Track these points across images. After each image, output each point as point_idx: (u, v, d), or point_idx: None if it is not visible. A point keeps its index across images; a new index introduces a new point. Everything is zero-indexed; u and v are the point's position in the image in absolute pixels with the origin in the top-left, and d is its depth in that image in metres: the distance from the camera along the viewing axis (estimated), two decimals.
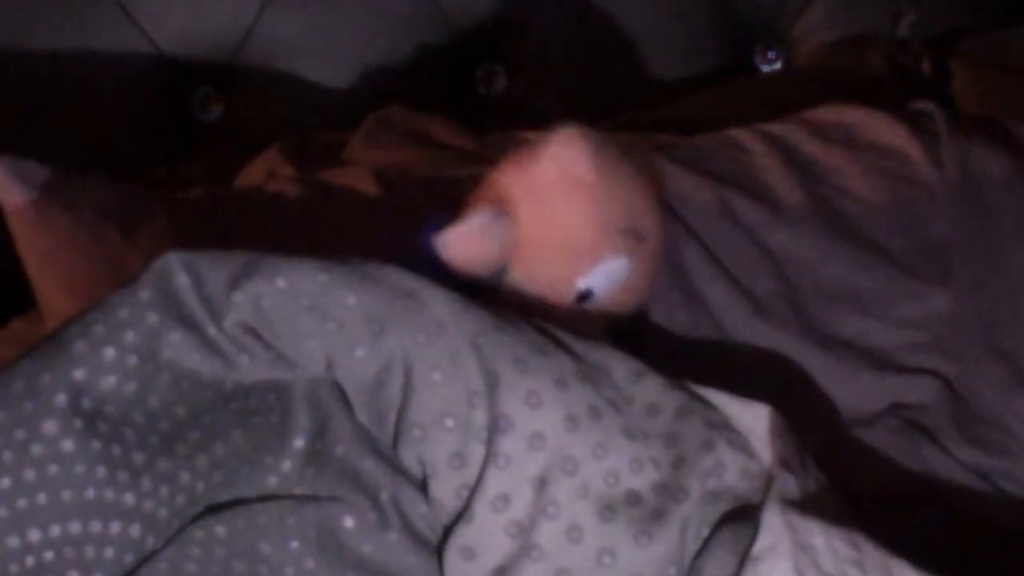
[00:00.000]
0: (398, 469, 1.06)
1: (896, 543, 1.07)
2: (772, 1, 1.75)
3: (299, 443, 1.05)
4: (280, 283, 1.04)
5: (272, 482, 1.04)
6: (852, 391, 1.35)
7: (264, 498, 1.04)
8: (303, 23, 1.59)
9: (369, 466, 1.05)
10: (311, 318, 1.04)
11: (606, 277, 1.22)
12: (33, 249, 1.35)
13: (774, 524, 1.06)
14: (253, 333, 1.04)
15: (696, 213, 1.41)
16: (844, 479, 1.19)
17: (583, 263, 1.21)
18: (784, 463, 1.11)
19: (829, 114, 1.52)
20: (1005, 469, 1.31)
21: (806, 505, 1.08)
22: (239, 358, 1.04)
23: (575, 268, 1.21)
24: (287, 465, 1.04)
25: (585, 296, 1.22)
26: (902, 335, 1.38)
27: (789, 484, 1.09)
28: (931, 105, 1.51)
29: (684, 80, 1.69)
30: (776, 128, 1.51)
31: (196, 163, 1.57)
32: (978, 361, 1.36)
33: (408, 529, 1.04)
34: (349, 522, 1.03)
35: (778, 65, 1.75)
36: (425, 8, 1.62)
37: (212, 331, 1.03)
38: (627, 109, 1.63)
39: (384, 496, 1.04)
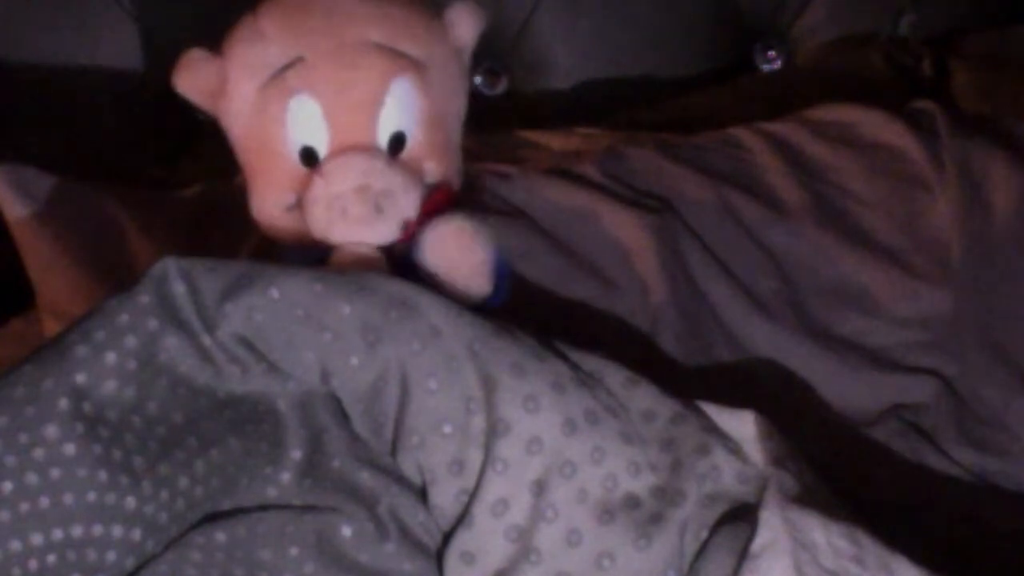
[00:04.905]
0: (396, 478, 1.06)
1: (896, 544, 1.07)
2: (772, 1, 1.75)
3: (296, 454, 1.05)
4: (274, 293, 1.04)
5: (272, 493, 1.04)
6: (852, 390, 1.35)
7: (264, 507, 1.04)
8: None
9: (366, 478, 1.05)
10: (305, 328, 1.04)
11: (401, 104, 1.20)
12: (35, 257, 1.35)
13: (772, 522, 1.07)
14: (247, 345, 1.04)
15: (696, 211, 1.41)
16: (844, 480, 1.20)
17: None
18: (777, 462, 1.11)
19: (829, 113, 1.52)
20: (1005, 469, 1.31)
21: (804, 501, 1.08)
22: (230, 368, 1.04)
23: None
24: (286, 476, 1.05)
25: (399, 141, 1.21)
26: (902, 334, 1.38)
27: (786, 481, 1.10)
28: (931, 105, 1.51)
29: (684, 80, 1.69)
30: (776, 127, 1.51)
31: (196, 162, 1.57)
32: (978, 361, 1.36)
33: (406, 538, 1.05)
34: (347, 531, 1.04)
35: (778, 65, 1.75)
36: None
37: (206, 340, 1.03)
38: (627, 109, 1.63)
39: (381, 507, 1.05)
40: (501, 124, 1.59)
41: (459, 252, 1.17)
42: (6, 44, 1.54)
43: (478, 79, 1.67)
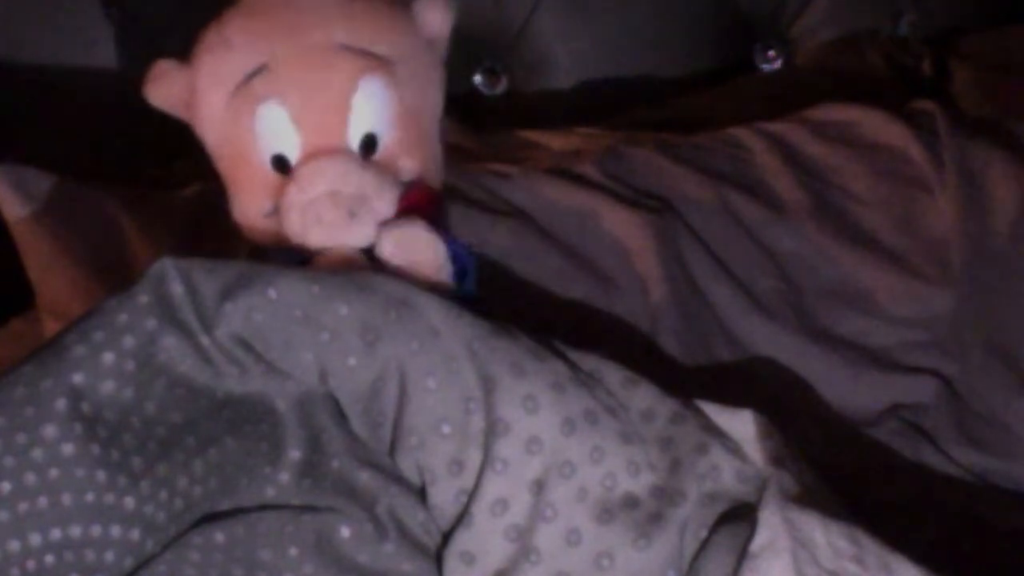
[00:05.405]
0: (395, 478, 1.06)
1: (896, 543, 1.07)
2: (772, 1, 1.75)
3: (295, 454, 1.05)
4: (272, 294, 1.04)
5: (270, 493, 1.04)
6: (852, 390, 1.35)
7: (263, 507, 1.04)
8: None
9: (365, 478, 1.05)
10: (304, 329, 1.04)
11: (370, 104, 1.19)
12: (35, 257, 1.35)
13: (772, 521, 1.06)
14: (245, 345, 1.04)
15: (697, 211, 1.41)
16: (844, 480, 1.20)
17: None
18: (777, 461, 1.11)
19: (829, 113, 1.52)
20: (1005, 469, 1.31)
21: (804, 500, 1.08)
22: (229, 369, 1.04)
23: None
24: (284, 476, 1.04)
25: (371, 142, 1.20)
26: (902, 334, 1.38)
27: (786, 481, 1.10)
28: (931, 105, 1.51)
29: (684, 80, 1.69)
30: (776, 127, 1.51)
31: (195, 162, 1.57)
32: (978, 361, 1.36)
33: (405, 538, 1.04)
34: (346, 531, 1.03)
35: (778, 64, 1.75)
36: None
37: (205, 340, 1.03)
38: (627, 109, 1.63)
39: (380, 507, 1.04)
40: (501, 124, 1.59)
41: (406, 259, 1.17)
42: (6, 44, 1.54)
43: (478, 79, 1.67)
